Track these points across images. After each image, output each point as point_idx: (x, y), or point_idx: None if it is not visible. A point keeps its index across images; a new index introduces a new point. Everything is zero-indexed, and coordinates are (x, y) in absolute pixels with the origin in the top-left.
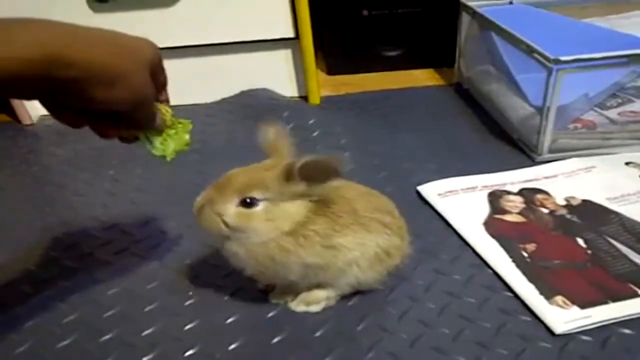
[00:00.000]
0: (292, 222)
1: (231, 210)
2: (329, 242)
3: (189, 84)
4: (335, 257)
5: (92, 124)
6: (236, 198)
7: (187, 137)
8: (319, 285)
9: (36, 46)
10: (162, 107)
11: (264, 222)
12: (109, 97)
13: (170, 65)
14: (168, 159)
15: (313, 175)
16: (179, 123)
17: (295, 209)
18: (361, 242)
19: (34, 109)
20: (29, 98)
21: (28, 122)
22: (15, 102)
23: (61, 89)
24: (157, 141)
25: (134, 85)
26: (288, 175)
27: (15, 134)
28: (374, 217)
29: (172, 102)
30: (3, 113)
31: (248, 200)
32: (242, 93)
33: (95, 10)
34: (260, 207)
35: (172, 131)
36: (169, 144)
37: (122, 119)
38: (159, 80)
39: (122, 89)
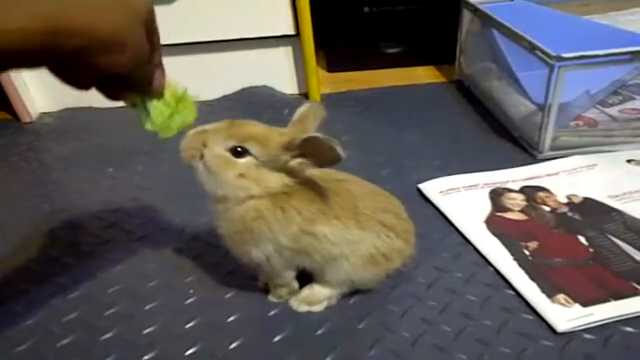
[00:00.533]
0: (262, 189)
1: (217, 150)
2: (309, 227)
3: (190, 81)
4: (312, 246)
5: (99, 86)
6: (231, 143)
7: (194, 113)
8: (318, 282)
9: (38, 17)
10: (173, 82)
11: (236, 176)
12: (112, 62)
13: (171, 62)
14: (163, 135)
15: (313, 152)
16: (187, 99)
17: (274, 180)
18: (350, 239)
19: (33, 107)
20: (33, 68)
21: (27, 120)
22: (15, 100)
23: (65, 58)
24: (154, 112)
25: (134, 48)
26: (290, 144)
27: (15, 132)
28: (374, 216)
29: None
30: (2, 110)
31: (239, 149)
32: (243, 90)
33: None
34: (244, 160)
35: (181, 106)
36: (174, 119)
37: (121, 81)
38: (152, 40)
39: (123, 52)
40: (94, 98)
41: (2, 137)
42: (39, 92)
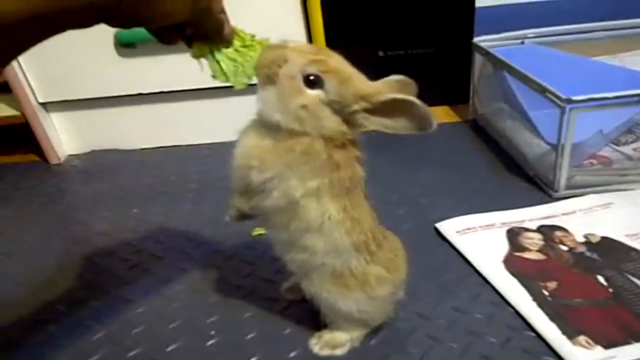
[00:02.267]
0: (318, 129)
1: (292, 72)
2: (323, 195)
3: (213, 123)
4: (292, 216)
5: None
6: (310, 70)
7: None
8: (331, 328)
9: None
10: (238, 29)
11: (299, 105)
12: (163, 12)
13: (195, 106)
14: (236, 86)
15: (394, 114)
16: (258, 44)
17: (333, 124)
18: (336, 241)
19: (61, 149)
20: (78, 27)
21: (55, 162)
22: (44, 142)
23: (108, 14)
24: (225, 62)
25: None
26: (371, 96)
27: (43, 173)
28: (367, 237)
29: (196, 141)
30: (31, 152)
31: (315, 78)
32: None
33: (122, 55)
34: (314, 92)
35: (252, 52)
36: (246, 67)
37: (185, 29)
38: None
39: (172, 0)
40: (119, 140)
41: (31, 178)
42: (67, 134)
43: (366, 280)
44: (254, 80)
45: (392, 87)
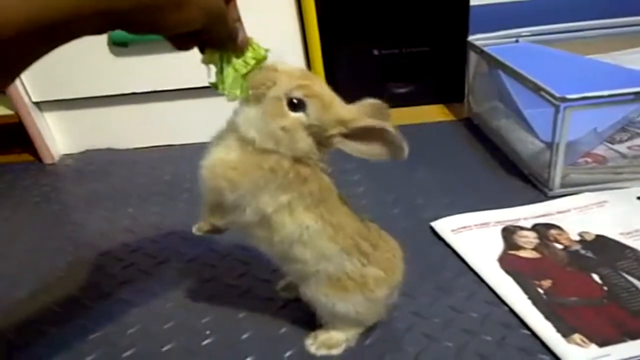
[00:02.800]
0: (291, 150)
1: (278, 94)
2: (296, 208)
3: (205, 123)
4: (271, 230)
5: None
6: (296, 93)
7: None
8: (327, 327)
9: None
10: (253, 41)
11: (279, 127)
12: (179, 19)
13: (189, 105)
14: (229, 97)
15: (369, 140)
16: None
17: (306, 145)
18: (322, 248)
19: (55, 149)
20: (91, 34)
21: (49, 161)
22: (38, 142)
23: (121, 21)
24: (228, 70)
25: (200, 2)
26: (349, 122)
27: (37, 173)
28: (355, 240)
29: (190, 141)
30: (25, 152)
31: (298, 102)
32: None
33: (115, 54)
34: (296, 115)
35: (259, 67)
36: (246, 82)
37: (199, 36)
38: None
39: (189, 8)
40: (113, 140)
41: (25, 178)
42: (61, 134)
43: (365, 282)
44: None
45: (368, 110)
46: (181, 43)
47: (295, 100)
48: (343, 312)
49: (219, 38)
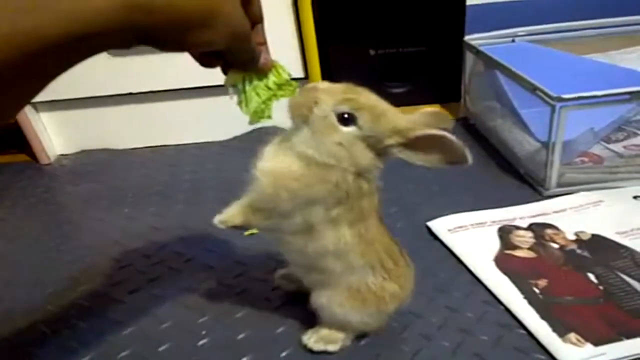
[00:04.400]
0: (353, 164)
1: (325, 111)
2: (341, 222)
3: (204, 122)
4: (309, 239)
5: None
6: (342, 108)
7: None
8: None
9: None
10: (278, 65)
11: (335, 143)
12: (203, 39)
13: (185, 106)
14: (251, 120)
15: (427, 148)
16: (289, 85)
17: (367, 158)
18: (350, 261)
19: (51, 149)
20: (115, 48)
21: (45, 162)
22: (34, 142)
23: (147, 37)
24: (251, 94)
25: (226, 22)
26: (405, 131)
27: (33, 173)
28: (380, 256)
29: (185, 141)
30: (21, 152)
31: (348, 116)
32: (254, 131)
33: (112, 54)
34: (348, 129)
35: (281, 92)
36: (269, 105)
37: (224, 56)
38: (251, 13)
39: (214, 28)
40: (109, 140)
41: (21, 179)
42: (57, 134)
43: (383, 296)
44: (270, 121)
45: (428, 119)
46: (206, 61)
47: (345, 115)
48: (352, 322)
49: (242, 59)
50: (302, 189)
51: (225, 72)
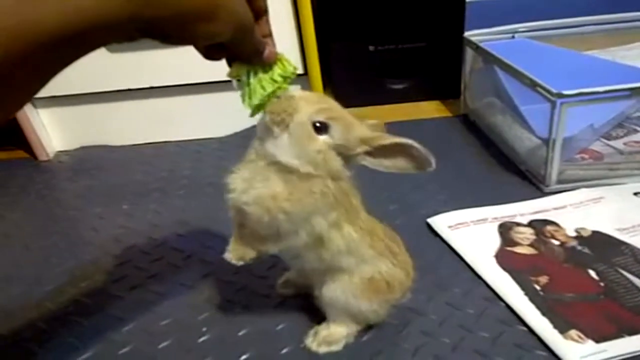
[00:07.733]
0: (327, 171)
1: (303, 120)
2: (342, 222)
3: (204, 118)
4: (322, 247)
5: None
6: (319, 117)
7: None
8: (328, 320)
9: None
10: (283, 57)
11: (316, 151)
12: (207, 31)
13: (185, 102)
14: (251, 113)
15: (392, 156)
16: (295, 78)
17: (338, 164)
18: (362, 254)
19: (50, 145)
20: (118, 41)
21: (44, 158)
22: (32, 139)
23: (150, 29)
24: (255, 86)
25: (230, 15)
26: (371, 140)
27: (32, 170)
28: (384, 240)
29: (185, 137)
30: (20, 149)
31: (321, 125)
32: (254, 127)
33: (111, 50)
34: (323, 137)
35: (286, 85)
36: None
37: (227, 48)
38: (255, 6)
39: (216, 20)
40: (108, 136)
41: (19, 176)
42: (55, 130)
43: (393, 284)
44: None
45: (374, 129)
46: (210, 54)
47: (318, 124)
48: (364, 311)
49: (246, 51)
50: (295, 207)
51: (230, 64)
